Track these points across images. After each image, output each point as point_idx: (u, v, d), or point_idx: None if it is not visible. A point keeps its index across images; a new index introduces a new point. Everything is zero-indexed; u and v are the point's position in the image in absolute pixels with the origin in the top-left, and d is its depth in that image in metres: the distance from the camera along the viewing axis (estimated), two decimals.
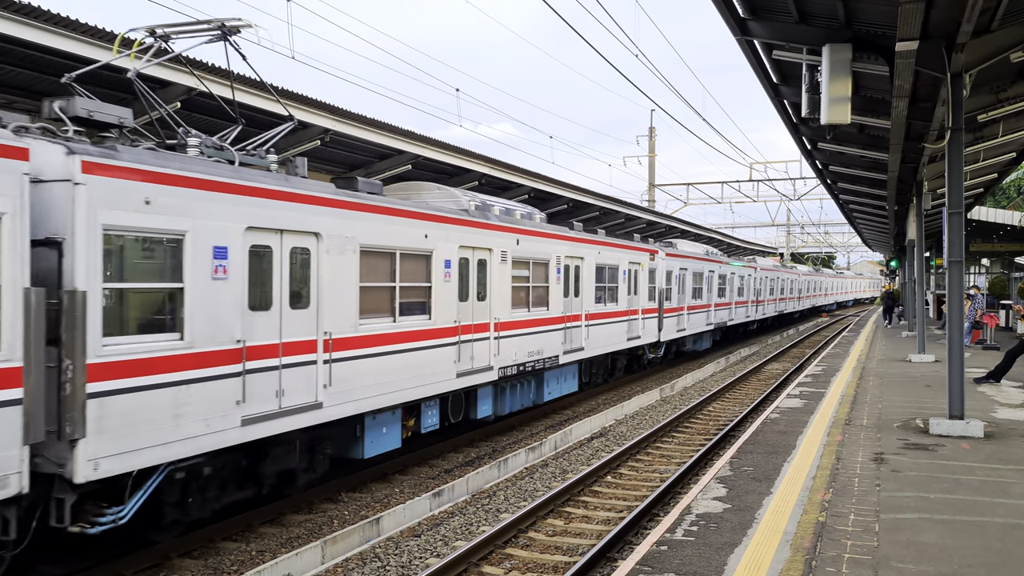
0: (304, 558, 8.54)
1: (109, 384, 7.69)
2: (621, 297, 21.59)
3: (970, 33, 9.26)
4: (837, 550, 6.59)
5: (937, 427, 11.39)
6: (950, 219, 11.31)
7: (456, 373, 13.58)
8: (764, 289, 42.94)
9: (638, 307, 23.10)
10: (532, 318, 16.40)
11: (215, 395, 8.83)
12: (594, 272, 19.67)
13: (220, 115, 13.84)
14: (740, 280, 37.22)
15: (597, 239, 20.13)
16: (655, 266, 24.88)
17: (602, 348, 20.52)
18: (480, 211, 14.88)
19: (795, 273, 54.86)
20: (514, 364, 15.52)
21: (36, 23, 9.94)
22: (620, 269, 21.61)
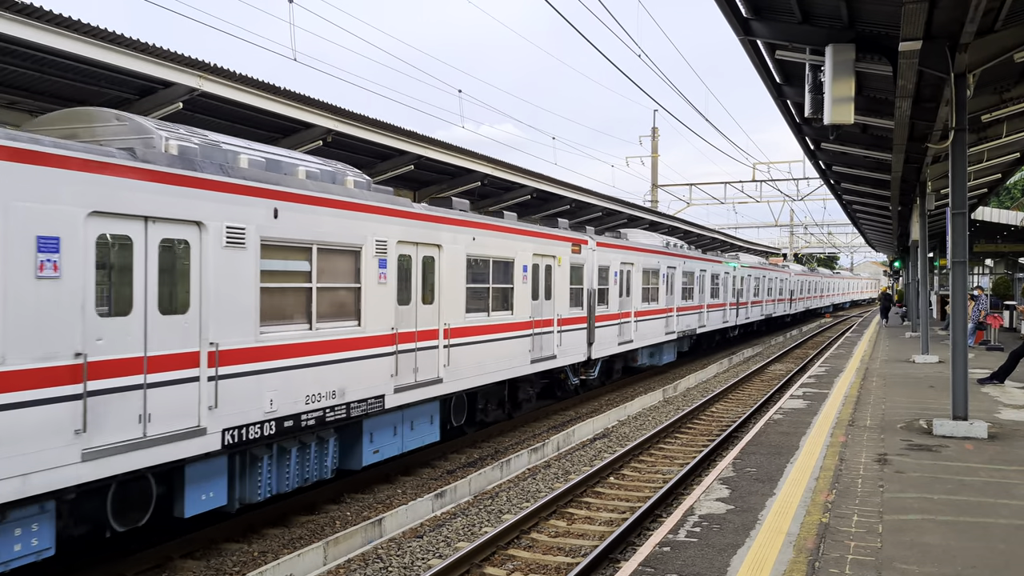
0: (306, 559, 8.53)
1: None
2: (520, 302, 15.93)
3: (974, 33, 9.23)
4: (840, 551, 6.57)
5: (941, 428, 11.36)
6: (954, 219, 11.28)
7: None
8: (747, 290, 38.35)
9: (552, 315, 17.54)
10: (324, 338, 10.55)
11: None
12: (464, 267, 13.96)
13: (222, 115, 13.85)
14: (715, 279, 32.18)
15: (467, 219, 14.17)
16: (582, 260, 19.13)
17: (483, 376, 14.54)
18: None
19: (785, 272, 50.00)
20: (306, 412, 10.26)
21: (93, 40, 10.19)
22: (517, 264, 15.90)
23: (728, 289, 34.27)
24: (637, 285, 23.07)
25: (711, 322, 31.72)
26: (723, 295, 33.40)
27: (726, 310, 34.25)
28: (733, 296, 35.28)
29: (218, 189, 8.95)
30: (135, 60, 10.93)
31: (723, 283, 33.39)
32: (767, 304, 43.80)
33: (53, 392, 7.23)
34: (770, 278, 44.23)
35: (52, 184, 7.20)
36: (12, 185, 6.87)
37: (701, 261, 30.16)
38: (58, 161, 7.26)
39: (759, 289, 41.01)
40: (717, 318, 32.73)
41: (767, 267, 43.74)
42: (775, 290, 45.75)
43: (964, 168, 11.05)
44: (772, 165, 45.80)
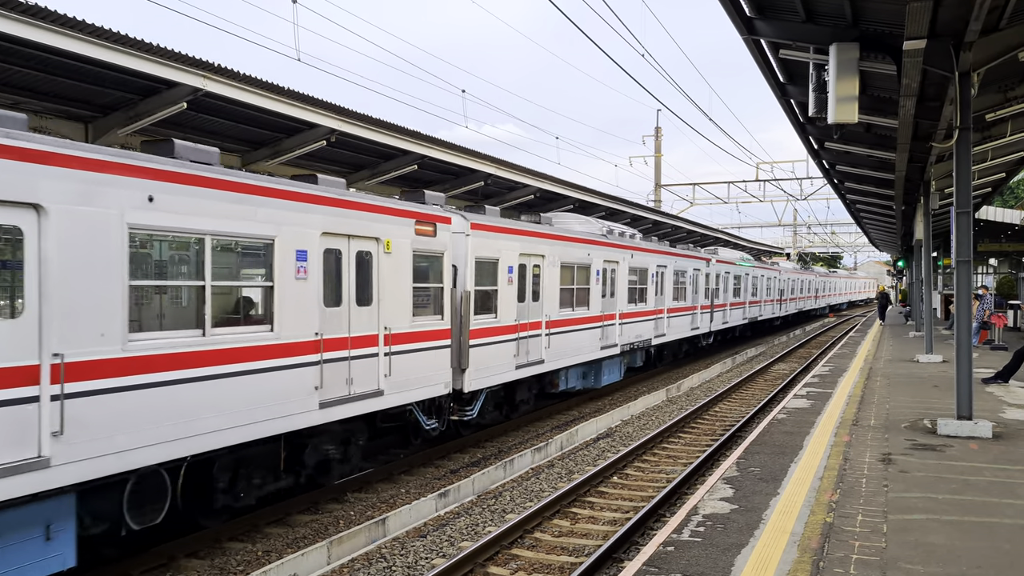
0: (310, 558, 8.54)
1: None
2: (288, 312, 10.05)
3: (978, 32, 9.21)
4: (845, 551, 6.56)
5: (945, 427, 11.34)
6: (958, 219, 11.26)
7: None
8: (724, 290, 32.97)
9: (374, 330, 11.64)
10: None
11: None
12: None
13: (226, 115, 13.86)
14: (680, 277, 27.13)
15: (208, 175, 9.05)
16: (440, 248, 13.33)
17: (211, 435, 8.89)
18: None
19: (773, 270, 44.55)
20: None
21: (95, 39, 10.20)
22: (281, 250, 9.94)
23: (698, 289, 29.11)
24: (553, 285, 17.68)
25: (674, 330, 26.37)
26: (691, 296, 28.29)
27: (695, 315, 29.02)
28: (706, 297, 30.11)
29: None
30: (139, 60, 10.94)
31: (692, 281, 28.35)
32: (751, 306, 38.41)
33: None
34: (755, 277, 39.00)
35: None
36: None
37: (659, 255, 24.89)
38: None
39: (740, 289, 35.76)
40: (682, 325, 27.52)
41: (751, 264, 38.37)
42: (761, 290, 40.39)
43: (968, 167, 11.02)
44: (776, 164, 45.77)
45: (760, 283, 40.53)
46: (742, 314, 36.94)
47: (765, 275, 41.88)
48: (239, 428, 9.19)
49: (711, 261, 30.95)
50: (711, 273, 30.82)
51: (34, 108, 12.04)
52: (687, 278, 27.90)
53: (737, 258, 36.54)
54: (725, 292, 33.18)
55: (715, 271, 31.51)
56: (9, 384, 6.93)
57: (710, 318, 31.09)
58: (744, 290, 36.70)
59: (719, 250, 35.33)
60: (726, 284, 33.15)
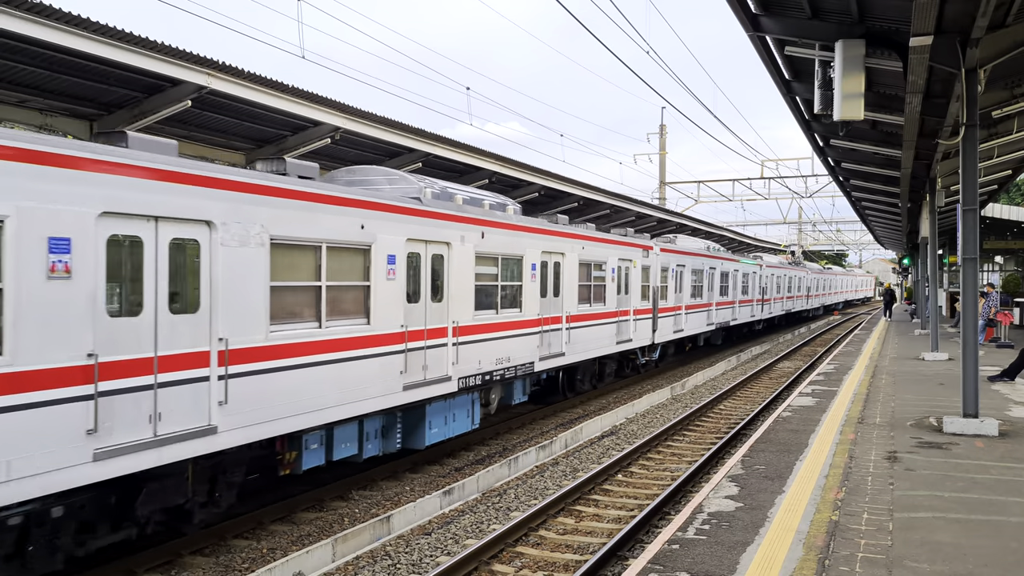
0: (315, 556, 8.54)
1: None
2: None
3: (985, 28, 9.18)
4: (850, 549, 6.54)
5: (951, 425, 11.31)
6: (964, 216, 11.22)
7: None
8: (679, 288, 26.20)
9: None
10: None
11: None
12: None
13: (230, 113, 13.86)
14: (595, 270, 19.22)
15: None
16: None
17: None
18: None
19: (752, 265, 37.67)
20: None
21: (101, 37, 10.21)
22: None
23: (626, 287, 21.19)
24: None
25: (588, 345, 18.65)
26: (614, 298, 20.01)
27: (625, 324, 21.07)
28: (644, 299, 22.62)
29: None
30: (144, 58, 10.95)
31: (616, 277, 20.39)
32: (720, 309, 31.34)
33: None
34: (724, 272, 31.68)
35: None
36: None
37: (602, 246, 19.24)
38: None
39: (702, 289, 28.89)
40: (602, 337, 19.47)
41: (717, 256, 30.89)
42: (734, 289, 33.61)
43: (975, 164, 10.99)
44: (781, 162, 45.65)
45: (734, 282, 33.59)
46: (706, 319, 29.70)
47: (741, 271, 34.93)
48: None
49: (652, 250, 23.04)
50: (652, 266, 23.16)
51: (39, 106, 12.06)
52: (607, 271, 19.76)
53: (701, 247, 29.81)
54: (679, 291, 26.12)
55: (659, 263, 23.80)
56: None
57: (652, 327, 23.37)
58: (709, 289, 29.86)
59: (679, 238, 29.02)
60: (678, 280, 26.14)
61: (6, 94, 11.41)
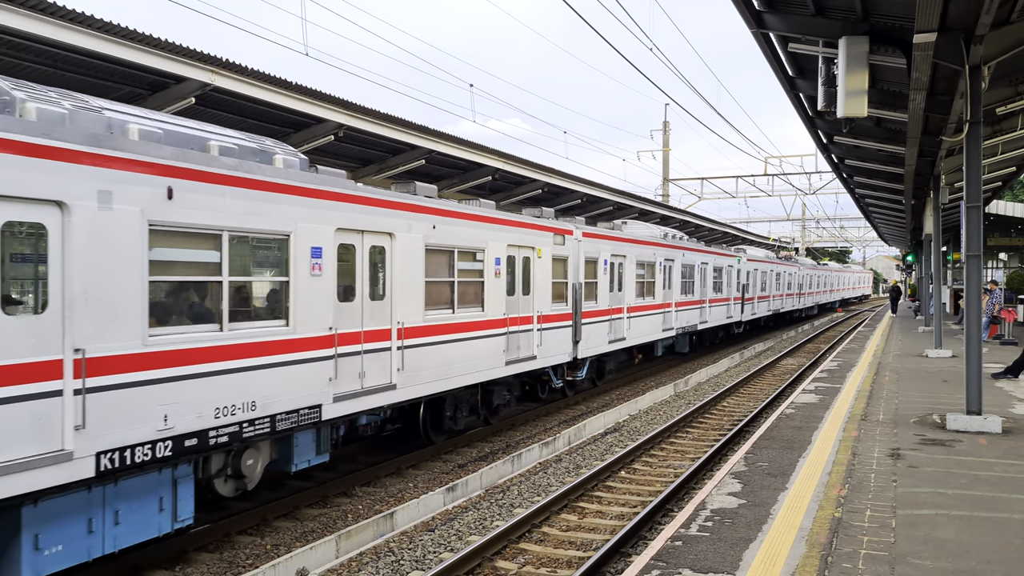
0: (319, 552, 8.57)
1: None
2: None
3: (989, 25, 9.16)
4: (853, 546, 6.55)
5: (954, 422, 11.31)
6: (968, 213, 11.21)
7: None
8: (614, 285, 20.70)
9: None
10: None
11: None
12: None
13: (234, 110, 13.88)
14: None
15: None
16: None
17: None
18: None
19: (726, 255, 32.40)
20: None
21: (110, 37, 10.19)
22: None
23: (516, 283, 15.64)
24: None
25: (449, 369, 13.29)
26: (494, 299, 14.68)
27: (523, 336, 15.85)
28: (565, 304, 17.78)
29: None
30: (147, 55, 10.98)
31: (513, 271, 15.45)
32: (683, 311, 26.36)
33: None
34: (688, 266, 26.96)
35: None
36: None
37: (362, 209, 11.44)
38: None
39: (655, 286, 23.69)
40: (477, 355, 14.17)
41: (674, 245, 25.61)
42: (703, 287, 28.75)
43: (979, 161, 10.98)
44: (784, 159, 45.59)
45: (702, 275, 28.59)
46: (662, 323, 24.63)
47: (712, 264, 29.94)
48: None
49: (571, 235, 18.08)
50: (572, 256, 18.11)
51: None
52: (485, 263, 14.40)
53: (656, 235, 24.83)
54: (617, 289, 20.99)
55: (583, 253, 18.59)
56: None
57: (573, 336, 18.10)
58: (664, 285, 24.62)
59: (629, 224, 24.33)
60: (616, 276, 20.83)
61: None
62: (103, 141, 7.61)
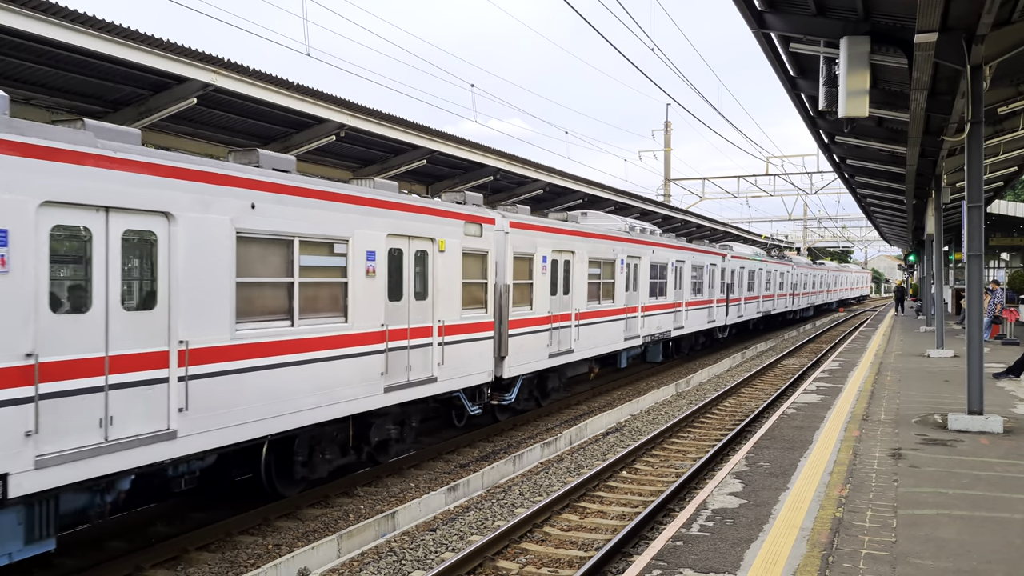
0: (320, 552, 8.58)
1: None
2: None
3: (990, 25, 9.16)
4: (854, 546, 6.55)
5: (956, 422, 11.30)
6: (969, 213, 11.21)
7: None
8: (562, 289, 17.53)
9: None
10: None
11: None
12: None
13: (236, 110, 13.90)
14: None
15: None
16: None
17: None
18: None
19: (708, 252, 29.01)
20: None
21: (112, 37, 10.25)
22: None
23: (407, 286, 12.29)
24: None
25: (293, 402, 9.95)
26: (367, 306, 11.29)
27: (417, 354, 12.43)
28: (479, 305, 14.28)
29: None
30: (149, 56, 10.99)
31: (402, 270, 12.17)
32: (651, 315, 23.10)
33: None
34: (657, 265, 23.62)
35: None
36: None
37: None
38: None
39: (612, 287, 20.29)
40: (339, 381, 10.74)
41: (637, 240, 21.94)
42: (677, 288, 25.59)
43: (980, 161, 10.97)
44: (786, 159, 45.58)
45: (676, 274, 25.37)
46: (623, 330, 21.09)
47: (690, 261, 26.73)
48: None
49: (492, 225, 14.55)
50: (493, 251, 14.56)
51: (45, 104, 12.10)
52: (349, 260, 11.01)
53: (621, 229, 21.61)
54: (562, 292, 17.55)
55: (511, 248, 15.23)
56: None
57: (496, 350, 14.83)
58: (626, 286, 21.25)
59: (590, 215, 21.80)
60: (561, 275, 17.45)
61: (13, 92, 11.46)
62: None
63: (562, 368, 18.37)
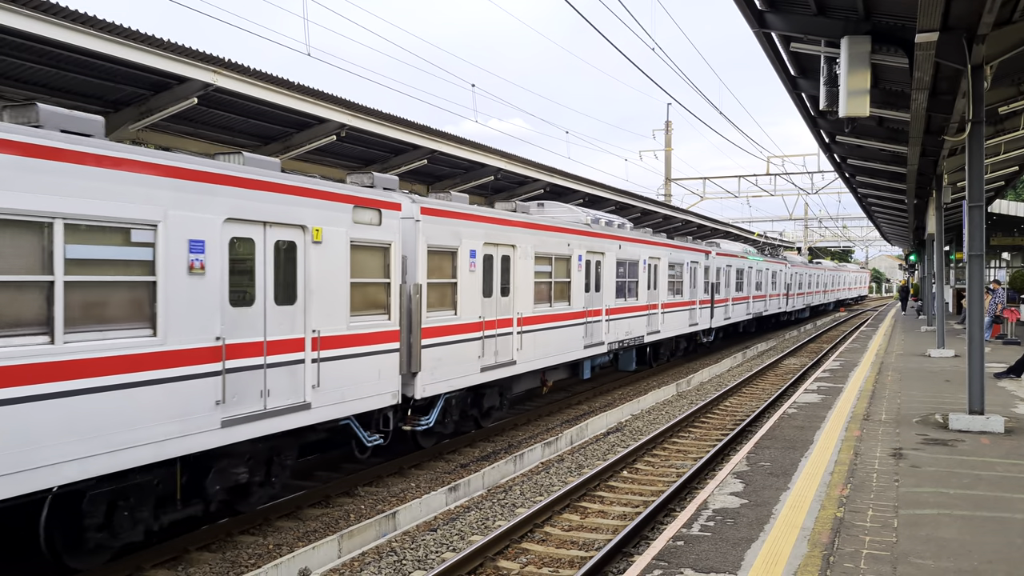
0: (321, 552, 8.58)
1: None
2: None
3: (991, 24, 9.15)
4: (855, 545, 6.55)
5: (956, 422, 11.30)
6: (970, 213, 11.20)
7: None
8: (489, 287, 14.67)
9: None
10: None
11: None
12: None
13: (236, 110, 13.90)
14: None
15: None
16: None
17: None
18: None
19: (686, 248, 26.25)
20: None
21: (113, 37, 10.25)
22: None
23: (250, 288, 9.47)
24: None
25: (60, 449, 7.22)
26: (177, 316, 8.42)
27: (202, 390, 8.71)
28: (380, 310, 11.71)
29: None
30: (150, 56, 10.99)
31: (214, 266, 8.91)
32: (617, 320, 20.32)
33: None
34: (627, 261, 21.04)
35: None
36: None
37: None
38: None
39: (565, 290, 17.56)
40: (118, 421, 7.74)
41: (586, 233, 18.55)
42: (651, 288, 23.02)
43: (981, 161, 10.97)
44: (786, 158, 45.54)
45: (653, 274, 22.93)
46: (583, 337, 18.48)
47: (669, 259, 24.16)
48: None
49: (397, 211, 12.01)
50: (406, 243, 12.51)
51: (47, 104, 12.09)
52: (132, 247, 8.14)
53: (581, 220, 18.90)
54: (499, 293, 15.00)
55: (423, 236, 12.72)
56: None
57: (407, 363, 12.45)
58: (592, 287, 18.86)
59: (549, 205, 18.98)
60: (495, 273, 14.87)
61: (14, 92, 11.46)
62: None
63: (503, 383, 15.62)
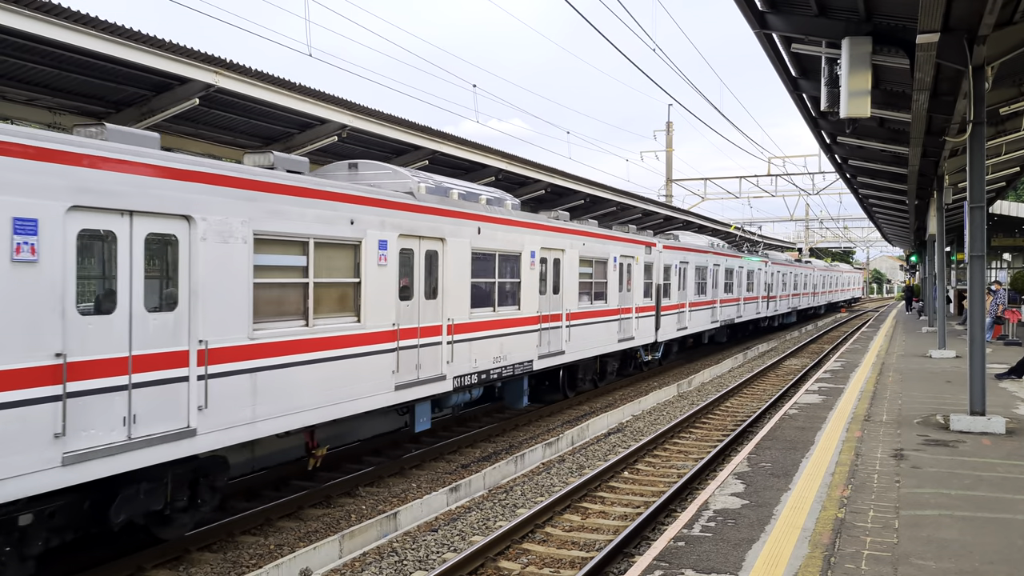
0: (322, 552, 8.59)
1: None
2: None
3: (992, 25, 9.15)
4: (856, 546, 6.55)
5: (958, 423, 11.29)
6: (971, 213, 11.20)
7: None
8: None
9: None
10: None
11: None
12: None
13: (238, 111, 13.90)
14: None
15: None
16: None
17: None
18: None
19: (608, 236, 19.65)
20: None
21: (115, 38, 10.27)
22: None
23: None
24: None
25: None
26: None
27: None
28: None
29: None
30: (152, 56, 11.01)
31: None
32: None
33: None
34: (482, 253, 13.88)
35: None
36: None
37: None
38: None
39: (302, 303, 9.87)
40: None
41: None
42: (541, 293, 16.26)
43: (982, 162, 10.96)
44: (788, 159, 45.51)
45: (546, 271, 16.57)
46: (364, 380, 10.98)
47: (578, 251, 17.86)
48: None
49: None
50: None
51: (48, 104, 12.12)
52: None
53: (407, 190, 12.40)
54: (170, 309, 8.12)
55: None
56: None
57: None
58: (416, 291, 12.19)
59: (361, 165, 12.92)
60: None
61: (15, 92, 11.48)
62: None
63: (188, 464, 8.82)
